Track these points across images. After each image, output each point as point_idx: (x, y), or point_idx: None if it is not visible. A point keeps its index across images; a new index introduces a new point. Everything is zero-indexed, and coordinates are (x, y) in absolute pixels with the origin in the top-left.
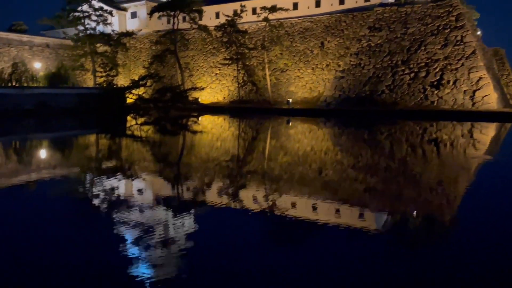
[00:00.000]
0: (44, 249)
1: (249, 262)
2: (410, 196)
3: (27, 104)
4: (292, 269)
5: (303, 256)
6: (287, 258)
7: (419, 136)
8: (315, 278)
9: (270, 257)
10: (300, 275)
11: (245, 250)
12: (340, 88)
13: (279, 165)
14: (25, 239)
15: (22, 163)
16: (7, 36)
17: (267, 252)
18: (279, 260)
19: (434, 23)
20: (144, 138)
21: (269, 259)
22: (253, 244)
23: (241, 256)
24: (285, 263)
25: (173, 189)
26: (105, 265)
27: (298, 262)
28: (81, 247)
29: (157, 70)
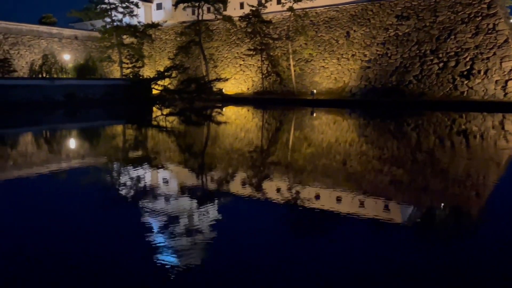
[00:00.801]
0: (69, 236)
1: (271, 253)
2: (437, 189)
3: (57, 95)
4: (315, 261)
5: (326, 248)
6: (310, 249)
7: (447, 128)
8: (337, 270)
9: (293, 249)
10: (322, 267)
11: (267, 241)
12: (366, 79)
13: (302, 156)
14: (54, 226)
15: (53, 153)
16: (37, 29)
17: (290, 244)
18: (302, 251)
19: (464, 10)
20: (169, 128)
21: (292, 250)
22: (276, 235)
23: (264, 247)
24: (308, 254)
25: (198, 179)
26: (129, 252)
27: (321, 254)
28: (106, 234)
29: (182, 61)
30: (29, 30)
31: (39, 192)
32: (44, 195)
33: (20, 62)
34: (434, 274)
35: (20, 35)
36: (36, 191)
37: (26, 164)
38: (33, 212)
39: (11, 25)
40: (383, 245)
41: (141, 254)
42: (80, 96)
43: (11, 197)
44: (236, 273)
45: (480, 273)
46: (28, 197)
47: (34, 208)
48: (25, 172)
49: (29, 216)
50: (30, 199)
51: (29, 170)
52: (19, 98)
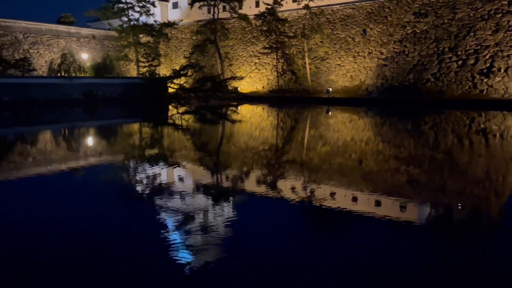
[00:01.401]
0: (86, 232)
1: (285, 252)
2: (455, 188)
3: (75, 93)
4: (330, 261)
5: (341, 247)
6: (325, 249)
7: (466, 127)
8: (352, 271)
9: (307, 248)
10: (337, 267)
11: (282, 240)
12: (383, 77)
13: (318, 155)
14: (72, 222)
15: (72, 150)
16: (56, 28)
17: (305, 243)
18: (317, 251)
19: (484, 7)
20: (185, 126)
21: (307, 250)
22: (290, 234)
23: (278, 246)
24: (323, 254)
25: (212, 177)
26: (145, 249)
27: (336, 254)
28: (122, 230)
29: (197, 59)
30: (48, 29)
31: (59, 188)
32: (62, 192)
33: (40, 61)
34: (450, 276)
35: (40, 35)
36: (56, 188)
37: (46, 161)
38: (53, 208)
39: (31, 25)
40: (397, 245)
41: (156, 250)
42: (97, 95)
43: (32, 193)
44: (250, 272)
45: (498, 276)
46: (48, 194)
47: (53, 204)
48: (46, 169)
49: (48, 212)
50: (50, 196)
51: (50, 167)
52: (38, 96)
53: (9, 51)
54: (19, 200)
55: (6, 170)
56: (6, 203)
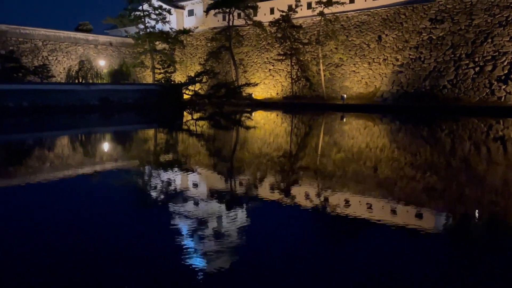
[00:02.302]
0: (100, 237)
1: (298, 259)
2: (472, 197)
3: (92, 99)
4: (344, 269)
5: (355, 256)
6: (339, 257)
7: (483, 134)
8: (367, 280)
9: (322, 256)
10: (351, 275)
11: (295, 247)
12: (398, 83)
13: (332, 162)
14: (85, 227)
15: (89, 155)
16: (74, 35)
17: (319, 251)
18: (331, 259)
19: (502, 13)
20: (199, 133)
21: (321, 258)
22: (303, 242)
23: (291, 253)
24: (337, 262)
25: (226, 183)
26: (157, 254)
27: (350, 262)
28: (134, 236)
29: (212, 66)
30: (67, 37)
31: (74, 193)
32: (78, 196)
33: (58, 68)
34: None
35: (58, 42)
36: (71, 192)
37: (63, 166)
38: (68, 212)
39: (50, 32)
40: (413, 254)
41: (169, 256)
42: (114, 101)
43: (50, 197)
44: (263, 279)
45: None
46: (64, 198)
47: (69, 207)
48: (62, 174)
49: (64, 215)
50: (66, 200)
51: (67, 172)
52: (56, 102)
53: (29, 58)
54: (34, 204)
55: (24, 174)
56: (23, 207)
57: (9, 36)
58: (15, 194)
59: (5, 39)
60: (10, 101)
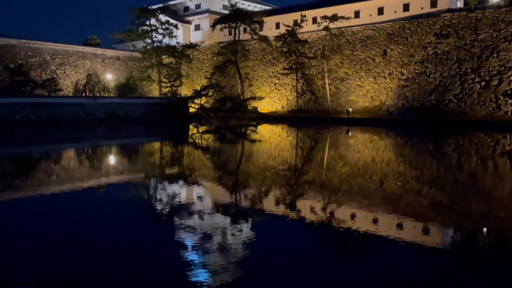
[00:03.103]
0: (104, 249)
1: (304, 274)
2: (479, 212)
3: (99, 113)
4: (349, 285)
5: (362, 271)
6: (344, 272)
7: (490, 149)
8: None
9: (327, 271)
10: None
11: (300, 262)
12: (404, 97)
13: (337, 176)
14: (89, 240)
15: (95, 168)
16: (82, 50)
17: (324, 265)
18: (337, 274)
19: (507, 28)
20: (205, 146)
21: (326, 272)
22: (309, 256)
23: (296, 268)
24: (343, 278)
25: (231, 197)
26: (162, 266)
27: (357, 278)
28: (140, 248)
29: (218, 80)
30: (75, 51)
31: (81, 206)
32: (84, 209)
33: (66, 81)
34: None
35: (67, 56)
36: (79, 206)
37: (70, 179)
38: (76, 224)
39: (59, 47)
40: (420, 269)
41: (173, 270)
42: (120, 114)
43: (54, 209)
44: None
45: None
46: (71, 211)
47: (77, 221)
48: (69, 187)
49: (73, 227)
50: (74, 213)
51: (73, 185)
52: (63, 115)
53: (37, 71)
54: (39, 216)
55: (31, 187)
56: (27, 220)
57: (18, 50)
58: (20, 207)
59: (15, 53)
60: (18, 114)
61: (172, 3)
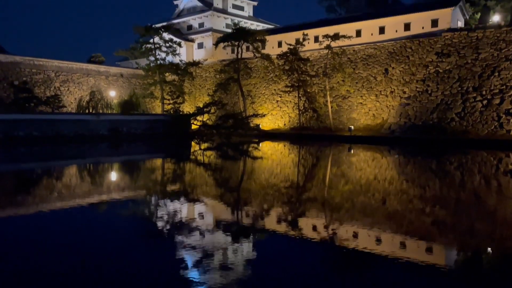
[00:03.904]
0: (105, 267)
1: None
2: (483, 231)
3: (101, 129)
4: None
5: None
6: None
7: (493, 167)
8: None
9: None
10: None
11: (302, 281)
12: (406, 115)
13: (340, 194)
14: (89, 257)
15: (96, 185)
16: (86, 67)
17: (326, 285)
18: None
19: (508, 48)
20: (207, 163)
21: None
22: (310, 275)
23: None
24: None
25: (233, 214)
26: (163, 285)
27: None
28: (141, 267)
29: (220, 97)
30: (79, 68)
31: (82, 223)
32: (87, 227)
33: (69, 98)
34: None
35: (71, 73)
36: (80, 223)
37: (71, 196)
38: (78, 243)
39: (63, 64)
40: None
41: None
42: (123, 131)
43: (54, 228)
44: None
45: None
46: (73, 229)
47: (79, 239)
48: (68, 204)
49: (74, 246)
50: (76, 231)
51: (72, 202)
52: (66, 132)
53: (41, 88)
54: (39, 235)
55: (32, 204)
56: (26, 239)
57: (23, 67)
58: (20, 225)
59: (19, 70)
60: (20, 131)
61: (176, 22)
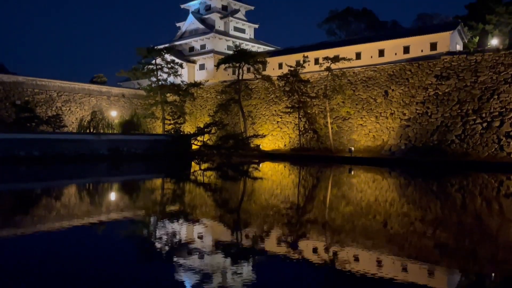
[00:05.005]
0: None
1: None
2: (486, 255)
3: (101, 149)
4: None
5: None
6: None
7: (494, 190)
8: None
9: None
10: None
11: None
12: (406, 137)
13: (340, 215)
14: (87, 278)
15: (94, 205)
16: (88, 87)
17: None
18: None
19: (507, 71)
20: (207, 183)
21: None
22: None
23: None
24: None
25: (232, 236)
26: None
27: None
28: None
29: (221, 118)
30: (81, 88)
31: (81, 244)
32: (85, 248)
33: (71, 118)
34: None
35: (73, 93)
36: (78, 244)
37: (69, 217)
38: (76, 264)
39: (65, 84)
40: None
41: None
42: (123, 151)
43: (55, 247)
44: None
45: None
46: (71, 250)
47: (77, 260)
48: (66, 224)
49: (72, 267)
50: (74, 252)
51: (73, 222)
52: (66, 152)
53: (43, 108)
54: (38, 257)
55: (30, 224)
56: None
57: (25, 87)
58: (19, 245)
59: (22, 90)
60: (21, 150)
61: (178, 43)
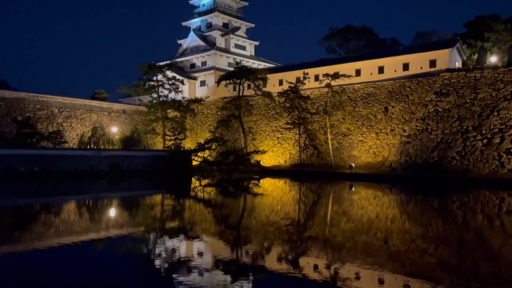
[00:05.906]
0: None
1: None
2: (488, 272)
3: (102, 165)
4: None
5: None
6: None
7: (496, 207)
8: None
9: None
10: None
11: None
12: (406, 153)
13: (341, 232)
14: None
15: (94, 222)
16: (90, 103)
17: None
18: None
19: (507, 88)
20: (206, 199)
21: None
22: None
23: None
24: None
25: (232, 253)
26: None
27: None
28: None
29: (221, 134)
30: (82, 104)
31: (79, 261)
32: (75, 264)
33: (71, 134)
34: None
35: (74, 109)
36: (76, 261)
37: (68, 233)
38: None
39: (66, 100)
40: None
41: None
42: (124, 166)
43: (53, 264)
44: None
45: None
46: (69, 267)
47: (75, 277)
48: (65, 241)
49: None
50: (72, 269)
51: (72, 239)
52: (67, 167)
53: (44, 124)
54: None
55: (29, 241)
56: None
57: (27, 103)
58: (19, 261)
59: (23, 106)
60: (21, 166)
61: (179, 60)
